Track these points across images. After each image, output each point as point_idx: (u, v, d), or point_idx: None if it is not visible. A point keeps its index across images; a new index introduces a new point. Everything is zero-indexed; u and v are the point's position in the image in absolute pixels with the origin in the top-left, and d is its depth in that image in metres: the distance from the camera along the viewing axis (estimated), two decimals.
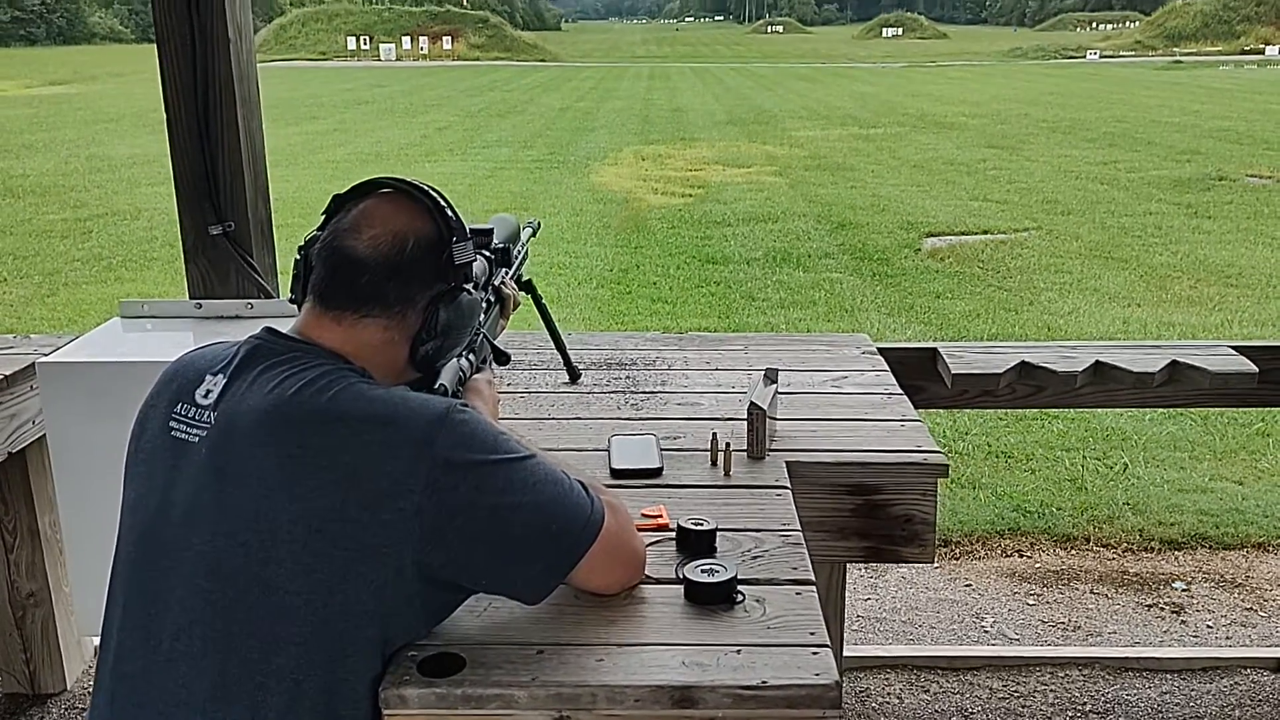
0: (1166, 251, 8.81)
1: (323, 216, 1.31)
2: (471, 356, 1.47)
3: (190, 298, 2.55)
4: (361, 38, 54.36)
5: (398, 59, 50.02)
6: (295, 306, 1.31)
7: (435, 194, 1.30)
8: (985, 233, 9.67)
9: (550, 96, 27.22)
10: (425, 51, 52.83)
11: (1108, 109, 21.45)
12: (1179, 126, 17.86)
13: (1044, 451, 4.60)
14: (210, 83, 2.44)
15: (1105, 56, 48.45)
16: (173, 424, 1.22)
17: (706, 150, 15.69)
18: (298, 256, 1.30)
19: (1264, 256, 8.60)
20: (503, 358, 1.59)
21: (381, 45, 52.22)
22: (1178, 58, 44.98)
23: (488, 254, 1.60)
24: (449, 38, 55.17)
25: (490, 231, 1.66)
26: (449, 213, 1.30)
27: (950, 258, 8.69)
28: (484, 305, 1.53)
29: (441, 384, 1.35)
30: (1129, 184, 12.24)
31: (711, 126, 19.35)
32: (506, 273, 1.70)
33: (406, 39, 53.98)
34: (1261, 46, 49.04)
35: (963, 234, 9.62)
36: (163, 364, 1.32)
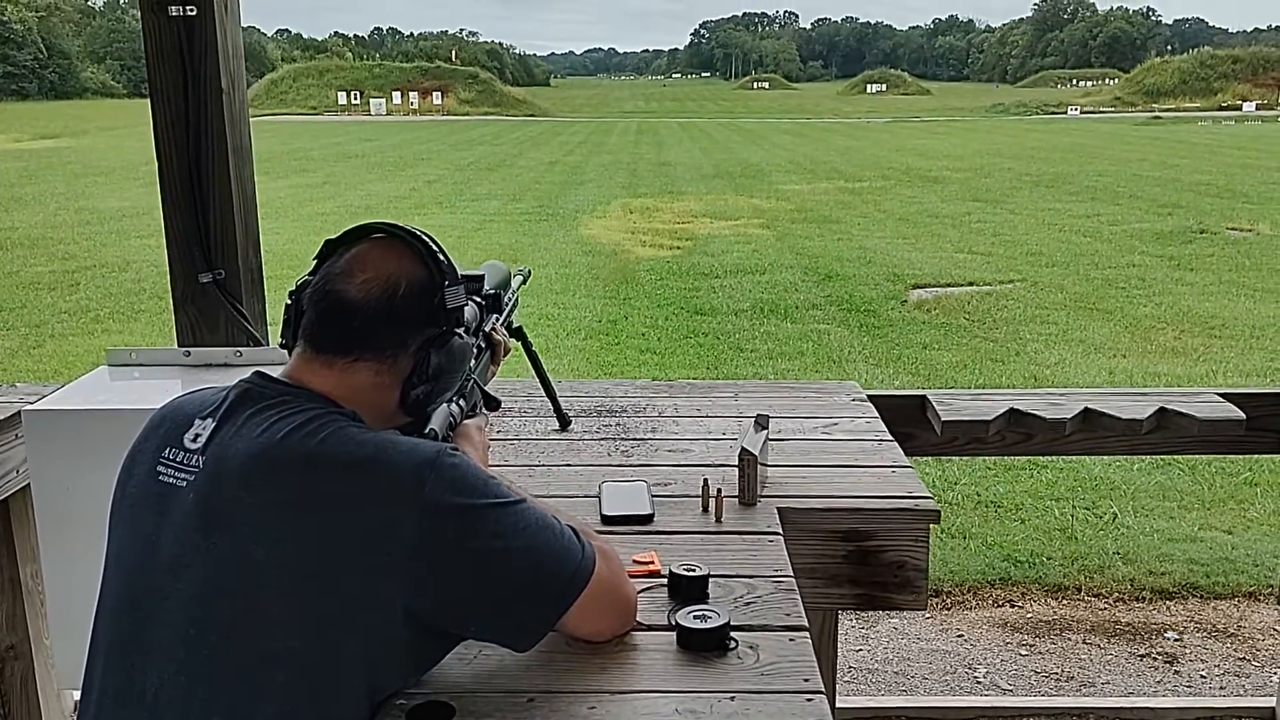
0: (1150, 303, 8.89)
1: (315, 261, 1.30)
2: (462, 402, 1.47)
3: (179, 346, 2.53)
4: (352, 93, 55.02)
5: (388, 114, 50.53)
6: (286, 351, 1.30)
7: (427, 239, 1.31)
8: (971, 284, 9.75)
9: (539, 150, 27.48)
10: (415, 106, 53.40)
11: (1089, 163, 21.76)
12: (1159, 180, 18.12)
13: (1033, 501, 4.59)
14: (203, 129, 2.44)
15: (1086, 112, 49.34)
16: (160, 469, 1.21)
17: (694, 203, 15.82)
18: (289, 301, 1.30)
19: (1246, 308, 8.68)
20: (493, 403, 1.59)
21: (372, 100, 52.79)
22: (1157, 114, 45.84)
23: (479, 300, 1.60)
24: (439, 93, 55.86)
25: (481, 278, 1.66)
26: (441, 258, 1.30)
27: (936, 309, 8.75)
28: (475, 351, 1.52)
29: (432, 429, 1.34)
30: (1112, 236, 12.38)
31: (699, 180, 19.54)
32: (497, 319, 1.71)
33: (397, 94, 54.65)
34: (1238, 103, 50.07)
35: (949, 285, 9.70)
36: (150, 412, 1.30)
